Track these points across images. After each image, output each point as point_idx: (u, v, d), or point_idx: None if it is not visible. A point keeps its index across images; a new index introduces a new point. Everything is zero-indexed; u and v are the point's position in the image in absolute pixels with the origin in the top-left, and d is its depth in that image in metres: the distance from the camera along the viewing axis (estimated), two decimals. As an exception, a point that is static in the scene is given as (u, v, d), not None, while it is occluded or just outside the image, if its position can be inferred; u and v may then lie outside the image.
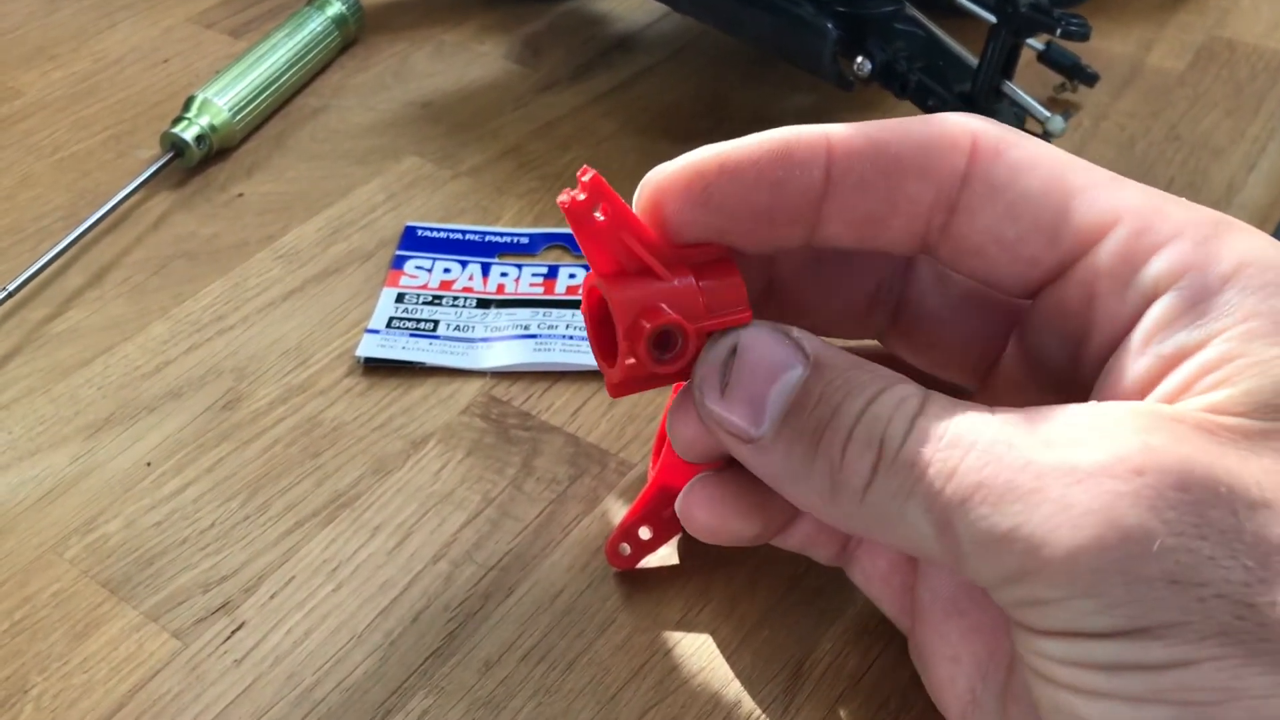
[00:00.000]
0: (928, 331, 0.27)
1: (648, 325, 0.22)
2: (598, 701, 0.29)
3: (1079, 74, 0.49)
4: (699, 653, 0.29)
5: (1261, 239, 0.21)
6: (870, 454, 0.20)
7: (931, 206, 0.22)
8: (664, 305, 0.22)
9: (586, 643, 0.30)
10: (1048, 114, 0.42)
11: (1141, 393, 0.21)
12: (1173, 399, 0.20)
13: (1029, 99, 0.43)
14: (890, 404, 0.21)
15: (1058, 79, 0.50)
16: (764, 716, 0.28)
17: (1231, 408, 0.19)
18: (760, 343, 0.22)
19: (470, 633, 0.30)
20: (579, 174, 0.22)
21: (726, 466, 0.26)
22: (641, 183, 0.23)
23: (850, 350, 0.23)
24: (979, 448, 0.19)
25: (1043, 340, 0.24)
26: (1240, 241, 0.21)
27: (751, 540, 0.27)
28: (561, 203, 0.22)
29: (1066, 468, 0.19)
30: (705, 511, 0.26)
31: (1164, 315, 0.21)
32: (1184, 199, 0.22)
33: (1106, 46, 0.53)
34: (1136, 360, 0.21)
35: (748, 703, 0.28)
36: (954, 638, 0.25)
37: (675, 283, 0.23)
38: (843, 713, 0.28)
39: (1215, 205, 0.45)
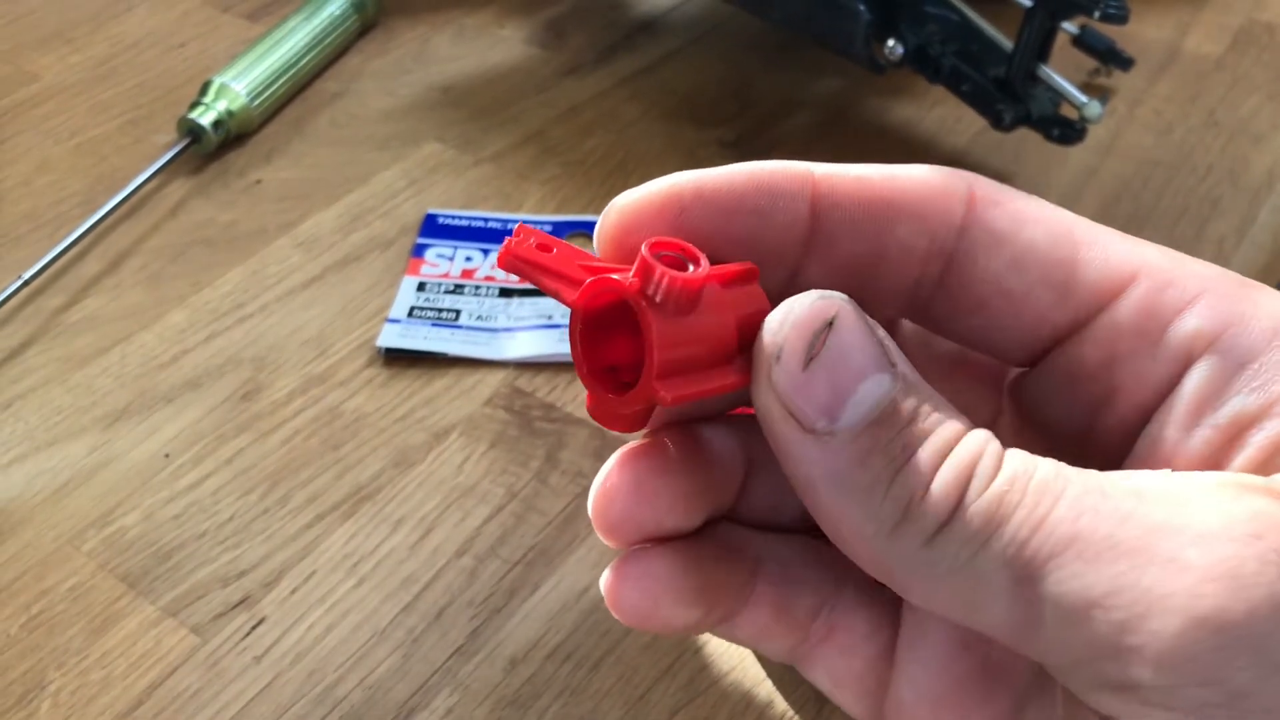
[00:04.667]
0: None
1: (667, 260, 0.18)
2: (626, 701, 0.28)
3: (1114, 58, 0.48)
4: (729, 652, 0.29)
5: None
6: (956, 491, 0.17)
7: (925, 254, 0.20)
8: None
9: (614, 640, 0.29)
10: (1085, 99, 0.41)
11: (1204, 469, 0.18)
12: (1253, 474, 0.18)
13: (1066, 83, 0.41)
14: (978, 440, 0.18)
15: (1091, 64, 0.49)
16: (796, 718, 0.27)
17: None
18: (857, 329, 0.19)
19: (495, 630, 0.29)
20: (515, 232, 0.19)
21: (660, 542, 0.22)
22: (605, 210, 0.20)
23: None
24: (1069, 495, 0.17)
25: (1049, 406, 0.21)
26: (1268, 299, 0.19)
27: (685, 629, 0.22)
28: (500, 257, 0.19)
29: (1177, 524, 0.16)
30: (639, 592, 0.21)
31: (1210, 380, 0.19)
32: (1198, 259, 0.20)
33: (1141, 30, 0.52)
34: (1190, 432, 0.19)
35: (780, 704, 0.28)
36: None
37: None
38: (878, 715, 0.27)
39: (1256, 193, 0.44)
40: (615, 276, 0.18)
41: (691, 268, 0.18)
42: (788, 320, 0.18)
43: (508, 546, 0.31)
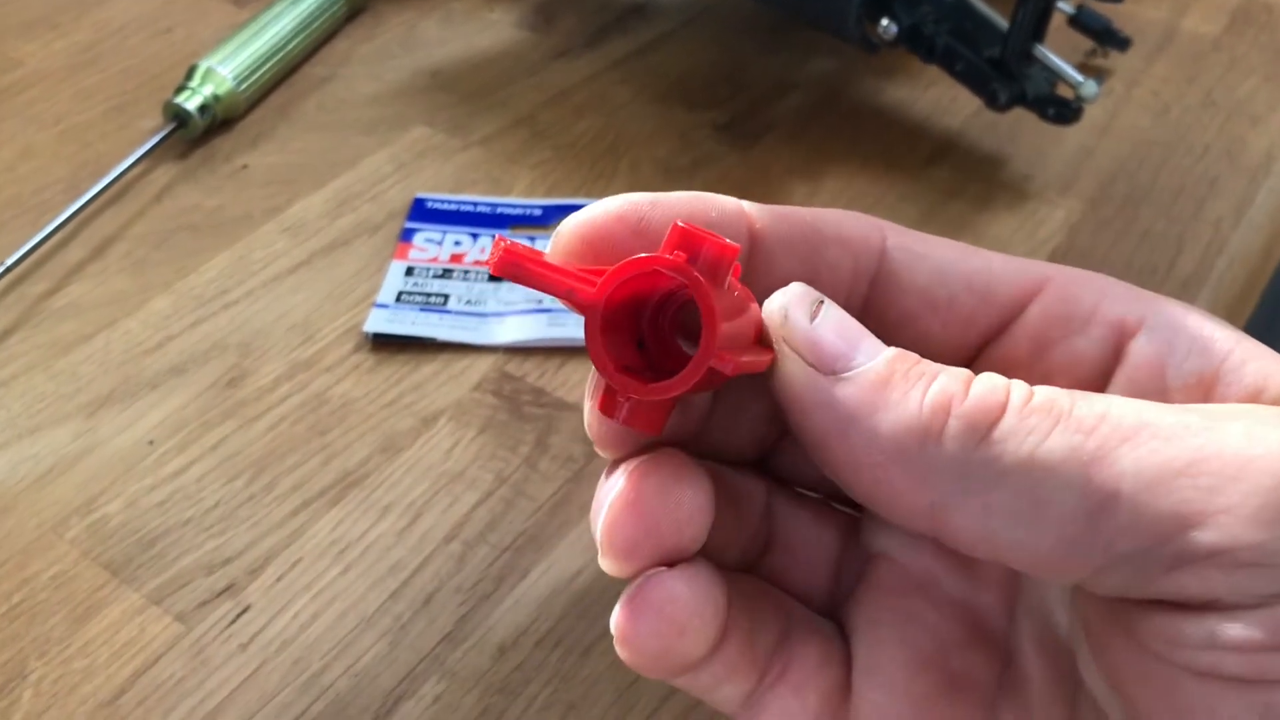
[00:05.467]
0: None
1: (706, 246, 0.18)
2: (616, 688, 0.27)
3: (1110, 39, 0.48)
4: (721, 637, 0.28)
5: None
6: (999, 395, 0.18)
7: (852, 275, 0.21)
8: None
9: (605, 627, 0.28)
10: (1081, 78, 0.41)
11: None
12: None
13: (1062, 63, 0.41)
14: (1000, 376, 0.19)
15: (1088, 44, 0.49)
16: (790, 704, 0.27)
17: None
18: (841, 308, 0.20)
19: (484, 616, 0.29)
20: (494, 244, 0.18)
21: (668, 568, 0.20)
22: (560, 226, 0.20)
23: None
24: (1120, 400, 0.17)
25: None
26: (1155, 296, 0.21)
27: (697, 665, 0.20)
28: (497, 263, 0.18)
29: (1236, 413, 0.17)
30: (663, 622, 0.19)
31: (1157, 348, 0.20)
32: None
33: (1139, 10, 0.52)
34: (1162, 397, 0.19)
35: (773, 689, 0.27)
36: None
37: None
38: (872, 700, 0.27)
39: (1254, 174, 0.44)
40: (646, 255, 0.18)
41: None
42: (787, 293, 0.20)
43: (497, 532, 0.31)
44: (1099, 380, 0.20)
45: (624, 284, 0.18)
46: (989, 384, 0.18)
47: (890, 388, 0.18)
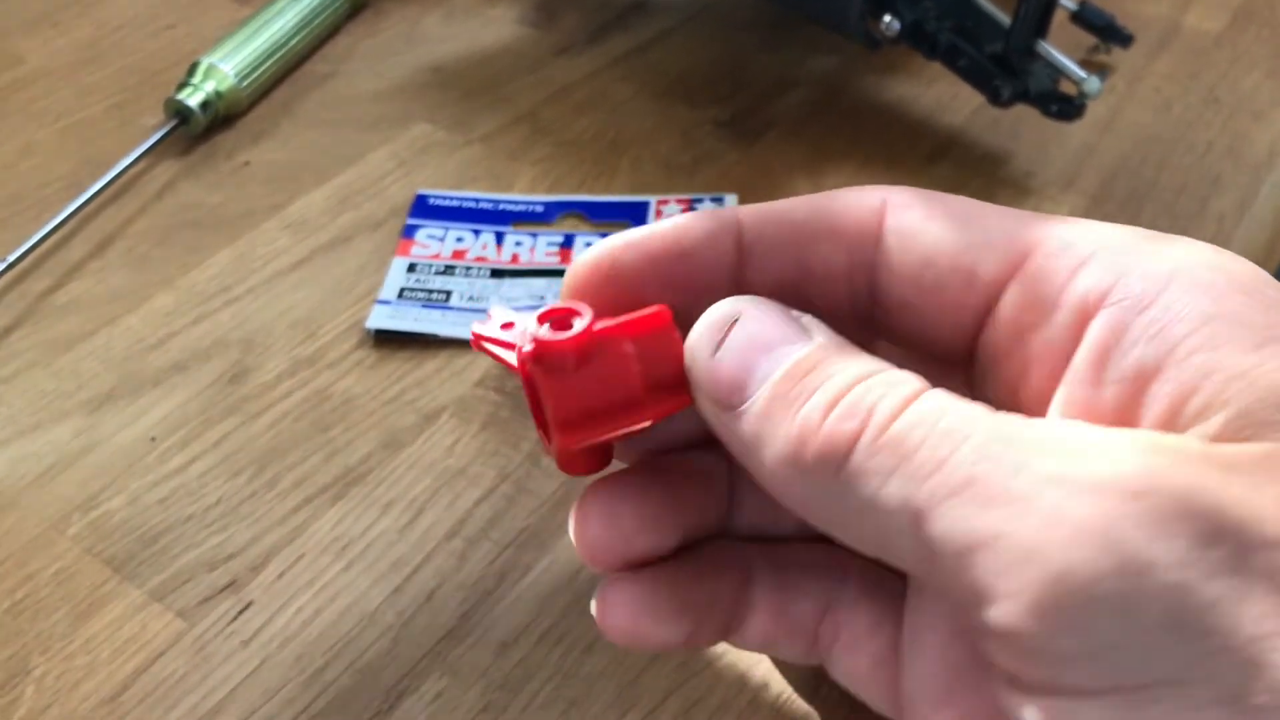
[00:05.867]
0: None
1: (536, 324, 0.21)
2: (618, 684, 0.27)
3: (1113, 35, 0.48)
4: (724, 634, 0.28)
5: (1195, 243, 0.19)
6: (854, 423, 0.18)
7: (848, 268, 0.21)
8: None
9: (606, 623, 0.29)
10: (1084, 74, 0.41)
11: (1118, 425, 0.18)
12: (1163, 430, 0.18)
13: (1064, 59, 0.41)
14: (884, 382, 0.18)
15: (1090, 40, 0.49)
16: (793, 697, 0.27)
17: (1229, 433, 0.17)
18: (762, 315, 0.20)
19: (486, 613, 0.29)
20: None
21: (639, 567, 0.23)
22: (565, 276, 0.23)
23: None
24: (974, 441, 0.17)
25: (987, 396, 0.21)
26: (1171, 247, 0.19)
27: (678, 645, 0.24)
28: (472, 343, 0.23)
29: (1063, 476, 0.16)
30: (620, 615, 0.23)
31: (1108, 332, 0.18)
32: (1115, 225, 0.20)
33: (1141, 7, 0.52)
34: (1097, 390, 0.18)
35: (776, 683, 0.27)
36: None
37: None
38: (874, 696, 0.27)
39: (1257, 170, 0.44)
40: (508, 355, 0.22)
41: (576, 323, 0.21)
42: (697, 327, 0.20)
43: (499, 529, 0.31)
44: (1064, 366, 0.19)
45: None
46: (847, 409, 0.18)
47: (769, 418, 0.19)
